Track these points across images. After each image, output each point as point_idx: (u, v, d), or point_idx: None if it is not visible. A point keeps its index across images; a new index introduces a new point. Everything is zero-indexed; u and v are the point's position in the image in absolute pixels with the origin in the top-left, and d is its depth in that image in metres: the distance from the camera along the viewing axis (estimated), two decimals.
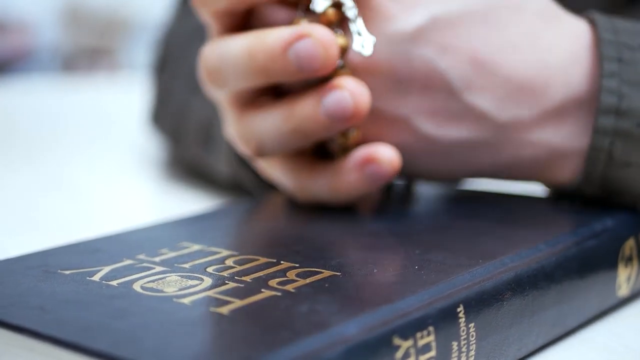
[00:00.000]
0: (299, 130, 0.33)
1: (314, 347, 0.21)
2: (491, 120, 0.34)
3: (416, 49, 0.33)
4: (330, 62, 0.32)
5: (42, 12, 2.59)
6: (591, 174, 0.34)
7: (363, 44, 0.32)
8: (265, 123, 0.34)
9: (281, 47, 0.32)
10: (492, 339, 0.26)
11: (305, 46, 0.31)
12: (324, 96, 0.32)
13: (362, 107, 0.32)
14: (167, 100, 0.54)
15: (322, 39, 0.31)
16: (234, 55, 0.33)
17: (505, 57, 0.33)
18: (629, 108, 0.33)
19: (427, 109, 0.34)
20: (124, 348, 0.21)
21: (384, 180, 0.34)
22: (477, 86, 0.33)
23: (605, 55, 0.33)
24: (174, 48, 0.57)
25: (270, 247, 0.30)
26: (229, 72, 0.34)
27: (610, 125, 0.33)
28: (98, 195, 0.53)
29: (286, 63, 0.32)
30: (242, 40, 0.33)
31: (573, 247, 0.29)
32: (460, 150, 0.34)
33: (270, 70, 0.33)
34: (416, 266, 0.27)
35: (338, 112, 0.32)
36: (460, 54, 0.33)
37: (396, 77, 0.33)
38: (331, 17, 0.33)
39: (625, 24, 0.34)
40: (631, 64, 0.33)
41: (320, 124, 0.33)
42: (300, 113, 0.33)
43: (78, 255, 0.29)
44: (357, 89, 0.32)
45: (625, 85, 0.33)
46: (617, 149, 0.33)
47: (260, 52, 0.32)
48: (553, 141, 0.34)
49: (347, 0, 0.33)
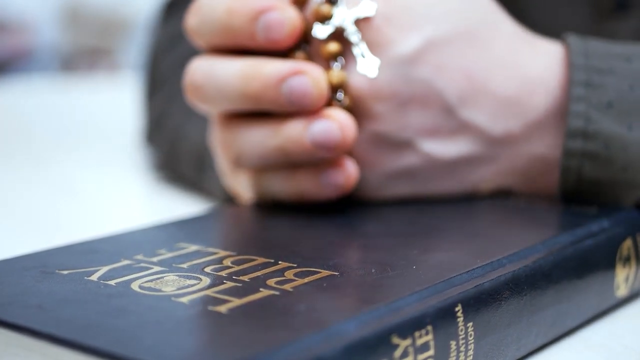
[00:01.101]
0: (281, 149, 0.34)
1: (312, 345, 0.21)
2: (486, 135, 0.35)
3: (414, 70, 0.34)
4: (320, 101, 0.33)
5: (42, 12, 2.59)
6: (565, 190, 0.35)
7: (368, 66, 0.33)
8: (249, 136, 0.35)
9: (276, 79, 0.33)
10: (490, 339, 0.26)
11: (300, 83, 0.32)
12: (312, 123, 0.33)
13: (348, 140, 0.33)
14: (163, 123, 0.54)
15: (316, 78, 0.33)
16: (225, 77, 0.34)
17: (494, 74, 0.35)
18: (596, 131, 0.34)
19: (427, 128, 0.35)
20: (122, 346, 0.21)
21: (341, 191, 0.34)
22: (471, 102, 0.34)
23: (574, 80, 0.34)
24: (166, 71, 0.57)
25: (268, 247, 0.30)
26: (215, 92, 0.34)
27: (578, 147, 0.34)
28: (96, 196, 0.53)
29: (278, 95, 0.33)
30: (237, 64, 0.34)
31: (570, 247, 0.30)
32: (460, 166, 0.35)
33: (261, 99, 0.33)
34: (414, 266, 0.27)
35: (324, 141, 0.33)
36: (454, 72, 0.34)
37: (398, 99, 0.34)
38: (332, 49, 0.34)
39: (598, 47, 0.35)
40: (599, 88, 0.34)
41: (304, 148, 0.33)
42: (286, 133, 0.34)
43: (76, 256, 0.29)
44: (346, 121, 0.33)
45: (592, 109, 0.34)
46: (586, 169, 0.34)
47: (255, 80, 0.33)
48: (540, 151, 0.35)
49: (350, 25, 0.33)
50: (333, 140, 0.33)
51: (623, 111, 0.34)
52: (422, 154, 0.35)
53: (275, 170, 0.35)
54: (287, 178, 0.35)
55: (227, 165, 0.37)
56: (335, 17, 0.34)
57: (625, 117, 0.34)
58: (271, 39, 0.33)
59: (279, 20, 0.33)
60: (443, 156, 0.35)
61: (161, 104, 0.55)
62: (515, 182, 0.36)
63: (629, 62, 0.35)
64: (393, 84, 0.34)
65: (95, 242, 0.31)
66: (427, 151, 0.35)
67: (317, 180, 0.34)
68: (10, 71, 2.27)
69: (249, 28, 0.33)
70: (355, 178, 0.34)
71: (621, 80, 0.34)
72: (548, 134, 0.35)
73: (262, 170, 0.36)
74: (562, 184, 0.35)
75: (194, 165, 0.48)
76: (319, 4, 0.34)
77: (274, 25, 0.33)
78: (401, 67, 0.34)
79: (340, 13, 0.34)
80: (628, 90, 0.34)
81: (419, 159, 0.35)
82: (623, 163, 0.34)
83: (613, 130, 0.34)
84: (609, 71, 0.34)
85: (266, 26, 0.33)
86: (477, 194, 0.36)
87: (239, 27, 0.34)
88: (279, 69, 0.33)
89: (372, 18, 0.34)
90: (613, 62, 0.35)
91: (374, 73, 0.33)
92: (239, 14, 0.33)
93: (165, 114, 0.54)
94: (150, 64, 0.60)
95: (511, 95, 0.35)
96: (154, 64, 0.59)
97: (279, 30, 0.33)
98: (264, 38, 0.33)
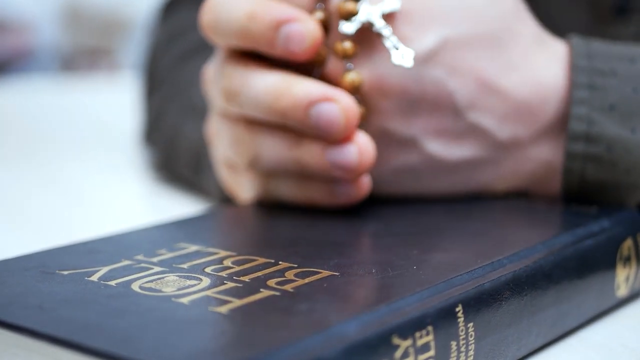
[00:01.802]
0: (299, 162, 0.34)
1: (312, 346, 0.21)
2: (492, 138, 0.35)
3: (428, 70, 0.34)
4: (348, 131, 0.32)
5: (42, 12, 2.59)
6: (568, 193, 0.35)
7: (403, 56, 0.33)
8: (269, 143, 0.34)
9: (306, 102, 0.32)
10: (491, 339, 0.26)
11: (329, 110, 0.32)
12: (334, 144, 0.33)
13: (366, 164, 0.33)
14: (160, 122, 0.54)
15: (346, 107, 0.32)
16: (258, 90, 0.34)
17: (506, 77, 0.34)
18: (599, 134, 0.34)
19: (434, 129, 0.34)
20: (122, 347, 0.21)
21: (353, 200, 0.34)
22: (479, 106, 0.34)
23: (576, 82, 0.34)
24: (163, 71, 0.57)
25: (269, 247, 0.30)
26: (249, 101, 0.34)
27: (580, 150, 0.34)
28: (96, 196, 0.53)
29: (306, 118, 0.32)
30: (270, 78, 0.33)
31: (571, 247, 0.29)
32: (463, 168, 0.35)
33: (288, 117, 0.33)
34: (415, 266, 0.27)
35: (343, 164, 0.33)
36: (467, 74, 0.34)
37: (407, 98, 0.34)
38: (349, 50, 0.33)
39: (601, 48, 0.35)
40: (602, 90, 0.34)
41: (322, 166, 0.33)
42: (306, 149, 0.34)
43: (76, 256, 0.29)
44: (366, 145, 0.33)
45: (595, 111, 0.34)
46: (588, 172, 0.34)
47: (284, 98, 0.33)
48: (549, 157, 0.35)
49: (378, 19, 0.33)
50: (352, 164, 0.33)
51: (626, 114, 0.34)
52: (425, 154, 0.35)
53: (287, 176, 0.35)
54: (298, 185, 0.35)
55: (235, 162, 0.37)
56: (361, 12, 0.34)
57: (628, 119, 0.34)
58: (290, 50, 0.33)
59: (300, 32, 0.32)
60: (446, 158, 0.35)
61: (159, 104, 0.55)
62: (519, 185, 0.36)
63: (632, 64, 0.35)
64: (404, 82, 0.33)
65: (95, 242, 0.30)
66: (430, 151, 0.35)
67: (329, 190, 0.34)
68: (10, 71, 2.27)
69: (269, 36, 0.33)
70: (368, 189, 0.34)
71: (624, 83, 0.34)
72: (554, 138, 0.35)
73: (273, 174, 0.35)
74: (564, 187, 0.35)
75: (191, 165, 0.48)
76: (343, 1, 0.34)
77: (295, 37, 0.32)
78: (415, 65, 0.33)
79: (365, 8, 0.33)
80: (631, 92, 0.34)
81: (422, 159, 0.35)
82: (626, 165, 0.34)
83: (616, 132, 0.34)
84: (611, 73, 0.34)
85: (287, 37, 0.33)
86: (491, 194, 0.36)
87: (259, 33, 0.33)
88: (310, 91, 0.32)
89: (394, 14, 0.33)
90: (616, 64, 0.34)
91: (410, 63, 0.33)
92: (261, 20, 0.33)
93: (162, 113, 0.54)
94: (149, 64, 0.60)
95: (522, 100, 0.34)
96: (152, 64, 0.59)
97: (300, 43, 0.33)
98: (283, 48, 0.33)
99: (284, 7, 0.33)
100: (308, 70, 0.34)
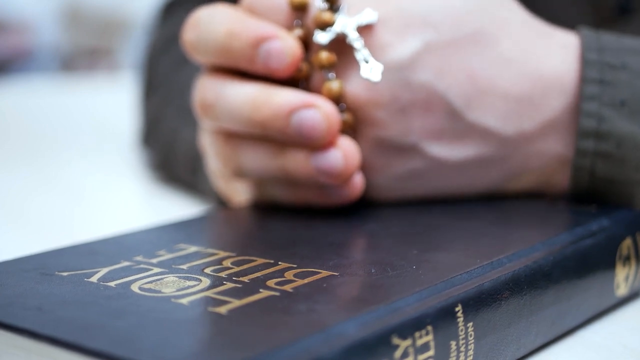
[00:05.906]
0: (284, 170, 0.34)
1: (312, 346, 0.21)
2: (496, 136, 0.34)
3: (414, 74, 0.33)
4: (329, 136, 0.32)
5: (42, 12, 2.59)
6: (578, 190, 0.35)
7: (371, 70, 0.33)
8: (251, 155, 0.35)
9: (287, 110, 0.32)
10: (490, 339, 0.26)
11: (310, 116, 0.32)
12: (317, 150, 0.33)
13: (352, 168, 0.33)
14: (158, 125, 0.54)
15: (328, 113, 0.32)
16: (234, 101, 0.34)
17: (501, 72, 0.34)
18: (609, 130, 0.33)
19: (432, 131, 0.34)
20: (122, 347, 0.21)
21: (347, 200, 0.34)
22: (477, 104, 0.34)
23: (586, 77, 0.34)
24: (161, 73, 0.57)
25: (268, 248, 0.30)
26: (225, 113, 0.34)
27: (590, 147, 0.34)
28: (95, 196, 0.53)
29: (287, 126, 0.33)
30: (247, 89, 0.34)
31: (570, 246, 0.29)
32: (469, 168, 0.35)
33: (269, 127, 0.33)
34: (414, 266, 0.27)
35: (328, 170, 0.33)
36: (457, 74, 0.34)
37: (399, 104, 0.34)
38: (325, 60, 0.33)
39: (611, 40, 0.35)
40: (613, 85, 0.33)
41: (307, 172, 0.33)
42: (290, 157, 0.34)
43: (75, 257, 0.29)
44: (350, 149, 0.33)
45: (605, 107, 0.33)
46: (599, 168, 0.34)
47: (264, 108, 0.33)
48: (557, 150, 0.35)
49: (351, 31, 0.33)
50: (337, 169, 0.33)
51: (636, 110, 0.33)
52: (428, 157, 0.35)
53: (276, 182, 0.35)
54: (290, 189, 0.35)
55: (223, 172, 0.37)
56: (337, 23, 0.33)
57: (638, 115, 0.33)
58: (271, 67, 0.33)
59: (279, 49, 0.33)
60: (450, 159, 0.35)
61: (156, 107, 0.55)
62: (529, 184, 0.36)
63: None
64: (392, 89, 0.33)
65: (95, 243, 0.31)
66: (433, 154, 0.34)
67: (322, 192, 0.34)
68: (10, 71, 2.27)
69: (249, 53, 0.33)
70: (361, 188, 0.34)
71: (634, 77, 0.34)
72: (564, 132, 0.34)
73: (262, 181, 0.35)
74: (574, 184, 0.34)
75: (189, 168, 0.48)
76: (321, 11, 0.33)
77: (275, 54, 0.33)
78: (400, 71, 0.33)
79: (341, 20, 0.33)
80: None
81: (426, 162, 0.35)
82: (636, 162, 0.33)
83: (626, 129, 0.33)
84: (622, 67, 0.34)
85: (266, 54, 0.33)
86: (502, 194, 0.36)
87: (239, 51, 0.33)
88: (290, 99, 0.33)
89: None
90: (626, 57, 0.34)
91: (378, 77, 0.33)
92: (240, 38, 0.33)
93: (160, 116, 0.54)
94: (146, 66, 0.60)
95: (522, 93, 0.34)
96: (150, 66, 0.59)
97: (280, 60, 0.33)
98: (263, 66, 0.33)
99: (263, 25, 0.33)
100: (292, 87, 0.34)
